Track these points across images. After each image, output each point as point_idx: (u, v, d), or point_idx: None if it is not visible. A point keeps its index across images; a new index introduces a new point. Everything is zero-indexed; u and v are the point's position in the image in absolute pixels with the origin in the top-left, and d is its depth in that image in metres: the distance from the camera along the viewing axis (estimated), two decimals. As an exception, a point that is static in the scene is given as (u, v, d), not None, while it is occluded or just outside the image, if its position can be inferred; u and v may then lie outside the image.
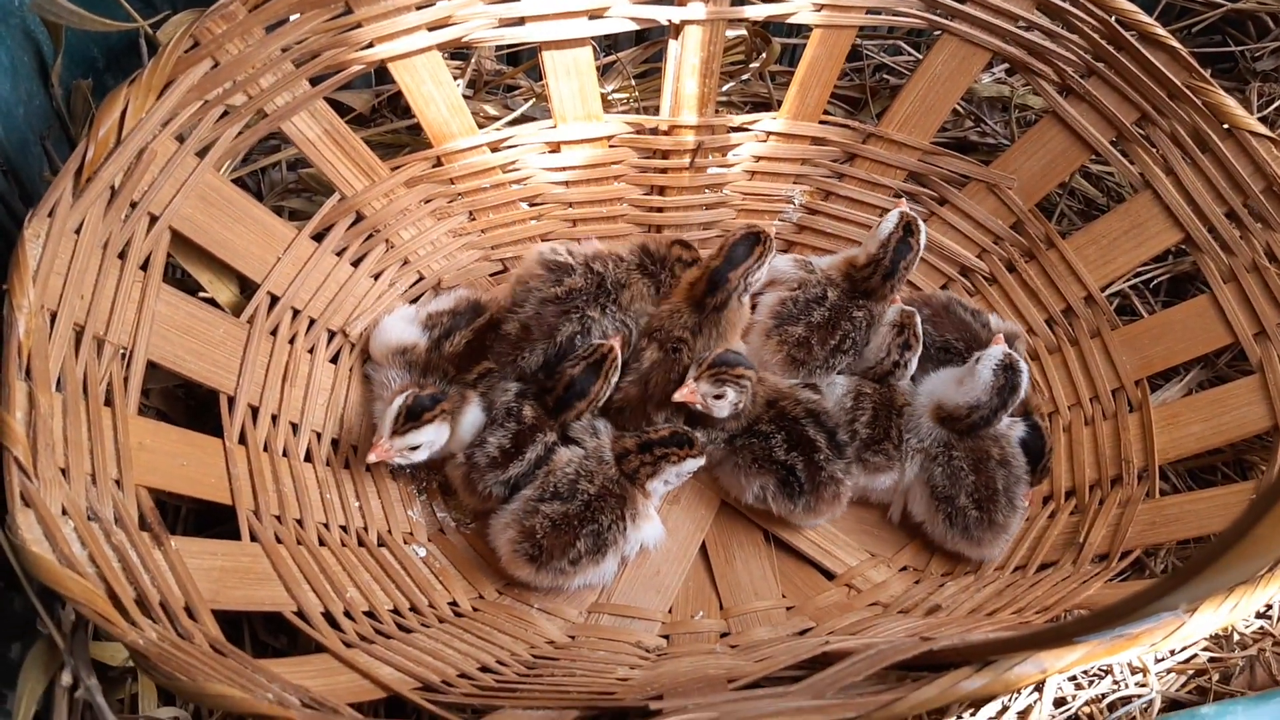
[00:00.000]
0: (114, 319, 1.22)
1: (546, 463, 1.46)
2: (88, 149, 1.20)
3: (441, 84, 1.51)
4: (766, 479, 1.50)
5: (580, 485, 1.42)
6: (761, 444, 1.50)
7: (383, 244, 1.55)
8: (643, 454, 1.44)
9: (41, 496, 1.00)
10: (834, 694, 1.00)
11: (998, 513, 1.48)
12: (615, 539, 1.42)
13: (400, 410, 1.35)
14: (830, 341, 1.59)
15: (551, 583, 1.42)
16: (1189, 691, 1.41)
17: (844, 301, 1.60)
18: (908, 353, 1.57)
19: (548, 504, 1.41)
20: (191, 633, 1.04)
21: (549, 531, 1.39)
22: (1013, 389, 1.47)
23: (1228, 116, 1.52)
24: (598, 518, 1.41)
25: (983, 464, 1.50)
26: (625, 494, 1.44)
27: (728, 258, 1.50)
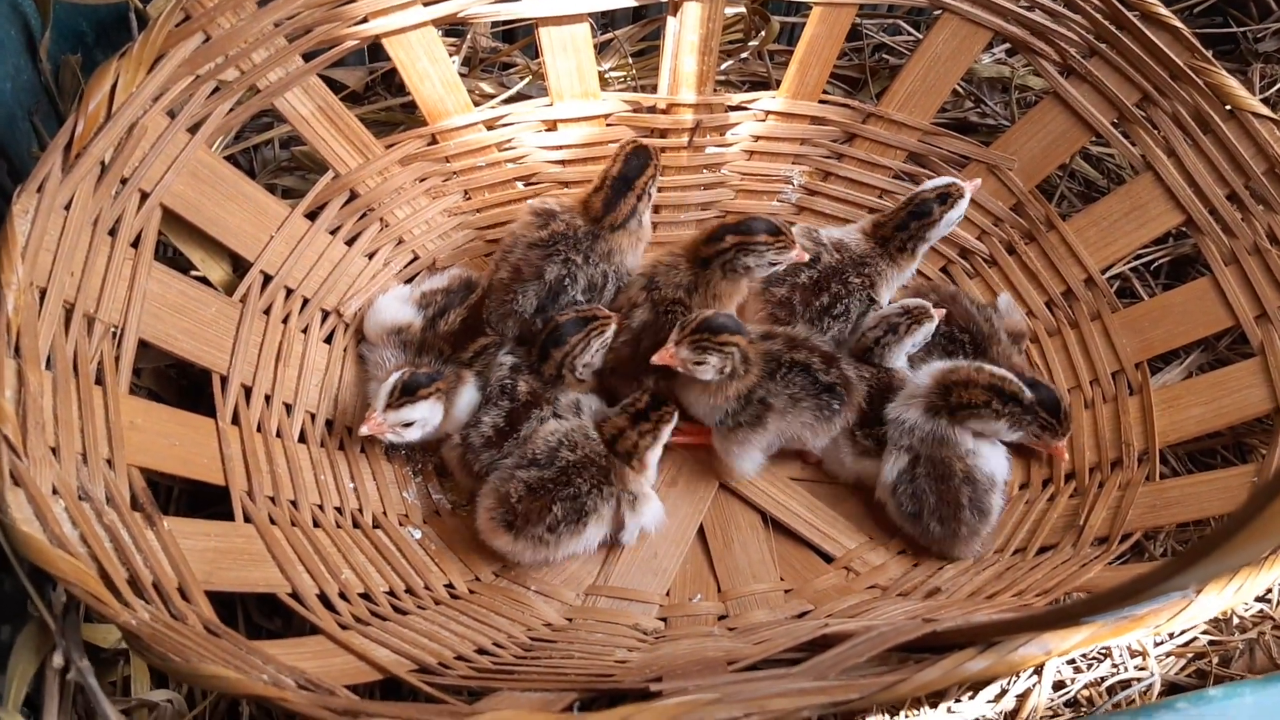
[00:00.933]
0: (104, 297, 1.20)
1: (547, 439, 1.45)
2: (77, 124, 1.18)
3: (437, 60, 1.50)
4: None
5: (561, 453, 1.41)
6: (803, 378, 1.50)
7: (377, 223, 1.54)
8: (639, 424, 1.43)
9: (32, 475, 0.99)
10: (836, 675, 0.99)
11: (962, 526, 1.47)
12: (596, 506, 1.40)
13: (395, 385, 1.34)
14: (815, 302, 1.58)
15: (532, 554, 1.40)
16: (1188, 675, 1.40)
17: (841, 266, 1.60)
18: (890, 336, 1.55)
19: (525, 470, 1.40)
20: (185, 614, 1.03)
21: (524, 496, 1.38)
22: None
23: (1230, 97, 1.51)
24: (574, 482, 1.39)
25: (946, 482, 1.48)
26: (612, 469, 1.42)
27: (744, 223, 1.50)
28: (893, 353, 1.57)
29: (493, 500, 1.40)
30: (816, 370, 1.48)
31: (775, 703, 0.88)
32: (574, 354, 1.47)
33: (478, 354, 1.46)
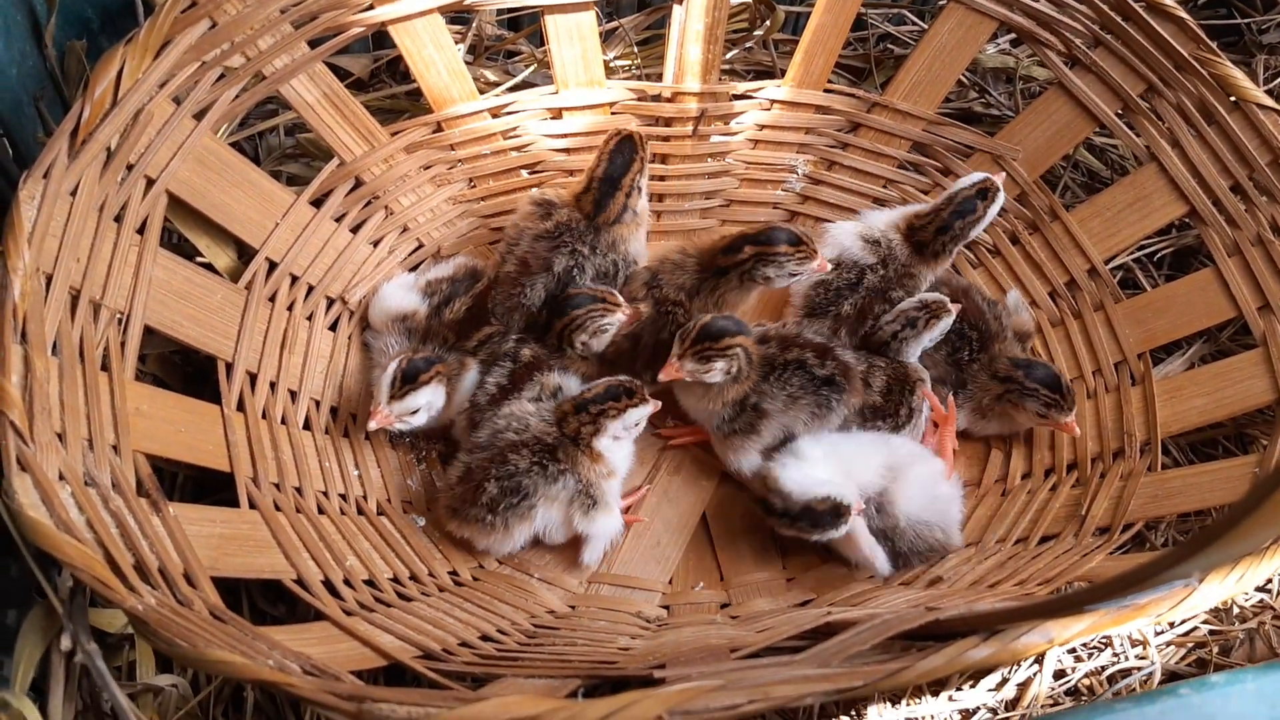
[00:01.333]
0: (110, 283, 1.21)
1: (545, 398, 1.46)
2: (83, 110, 1.19)
3: (442, 48, 1.50)
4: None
5: (504, 435, 1.40)
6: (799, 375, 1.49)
7: (382, 210, 1.54)
8: (579, 414, 1.40)
9: (38, 461, 0.99)
10: (839, 663, 0.99)
11: (931, 551, 1.47)
12: (538, 487, 1.38)
13: (395, 375, 1.34)
14: (860, 330, 1.60)
15: (486, 540, 1.40)
16: (1189, 664, 1.41)
17: (885, 284, 1.59)
18: (908, 330, 1.55)
19: (467, 455, 1.41)
20: (191, 599, 1.03)
21: (459, 479, 1.39)
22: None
23: (1235, 89, 1.51)
24: (510, 460, 1.37)
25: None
26: (560, 448, 1.40)
27: (764, 233, 1.49)
28: (909, 347, 1.57)
29: (442, 488, 1.42)
30: (811, 366, 1.48)
31: (779, 689, 0.88)
32: (573, 327, 1.47)
33: (482, 343, 1.47)
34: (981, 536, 1.52)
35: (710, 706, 0.85)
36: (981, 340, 1.59)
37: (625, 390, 1.40)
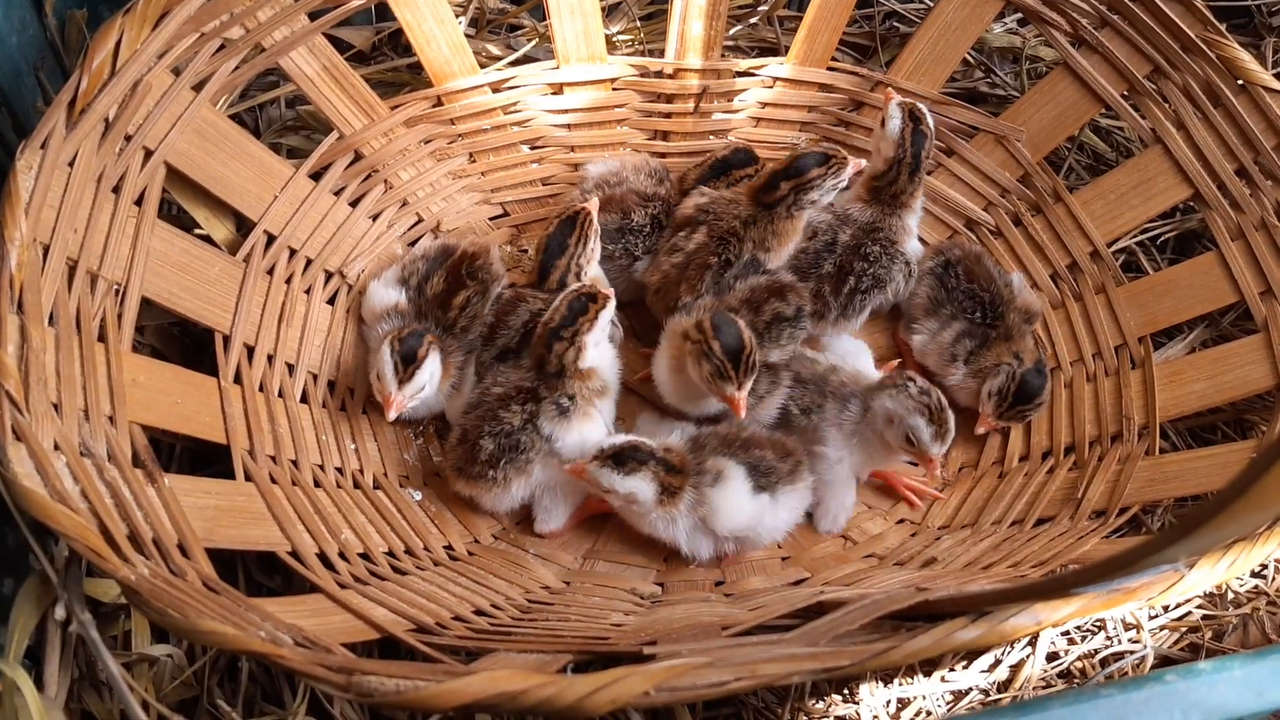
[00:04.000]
0: (108, 254, 1.21)
1: (534, 326, 1.45)
2: (81, 80, 1.18)
3: (443, 21, 1.49)
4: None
5: (491, 391, 1.41)
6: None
7: (381, 184, 1.54)
8: (554, 344, 1.38)
9: (33, 431, 0.99)
10: (828, 642, 0.99)
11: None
12: (533, 441, 1.38)
13: (394, 361, 1.34)
14: (843, 288, 1.59)
15: (492, 499, 1.41)
16: (1181, 649, 1.41)
17: (858, 239, 1.60)
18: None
19: (464, 417, 1.42)
20: (184, 570, 1.03)
21: (459, 439, 1.40)
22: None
23: (1242, 71, 1.50)
24: (500, 416, 1.38)
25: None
26: (541, 385, 1.40)
27: (793, 165, 1.52)
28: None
29: (449, 449, 1.43)
30: (784, 313, 1.48)
31: (766, 668, 0.88)
32: (579, 258, 1.48)
33: (462, 308, 1.47)
34: (977, 518, 1.52)
35: (697, 684, 0.85)
36: (993, 304, 1.58)
37: (587, 297, 1.39)
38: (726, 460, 1.37)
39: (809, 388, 1.51)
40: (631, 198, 1.58)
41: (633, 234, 1.58)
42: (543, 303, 1.48)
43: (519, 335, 1.47)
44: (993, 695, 1.34)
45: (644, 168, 1.62)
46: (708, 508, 1.36)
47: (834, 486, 1.51)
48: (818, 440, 1.50)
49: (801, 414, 1.50)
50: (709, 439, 1.40)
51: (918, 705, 1.31)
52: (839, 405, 1.49)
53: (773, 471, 1.39)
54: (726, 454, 1.38)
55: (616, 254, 1.58)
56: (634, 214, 1.58)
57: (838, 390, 1.50)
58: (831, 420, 1.49)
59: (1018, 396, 1.52)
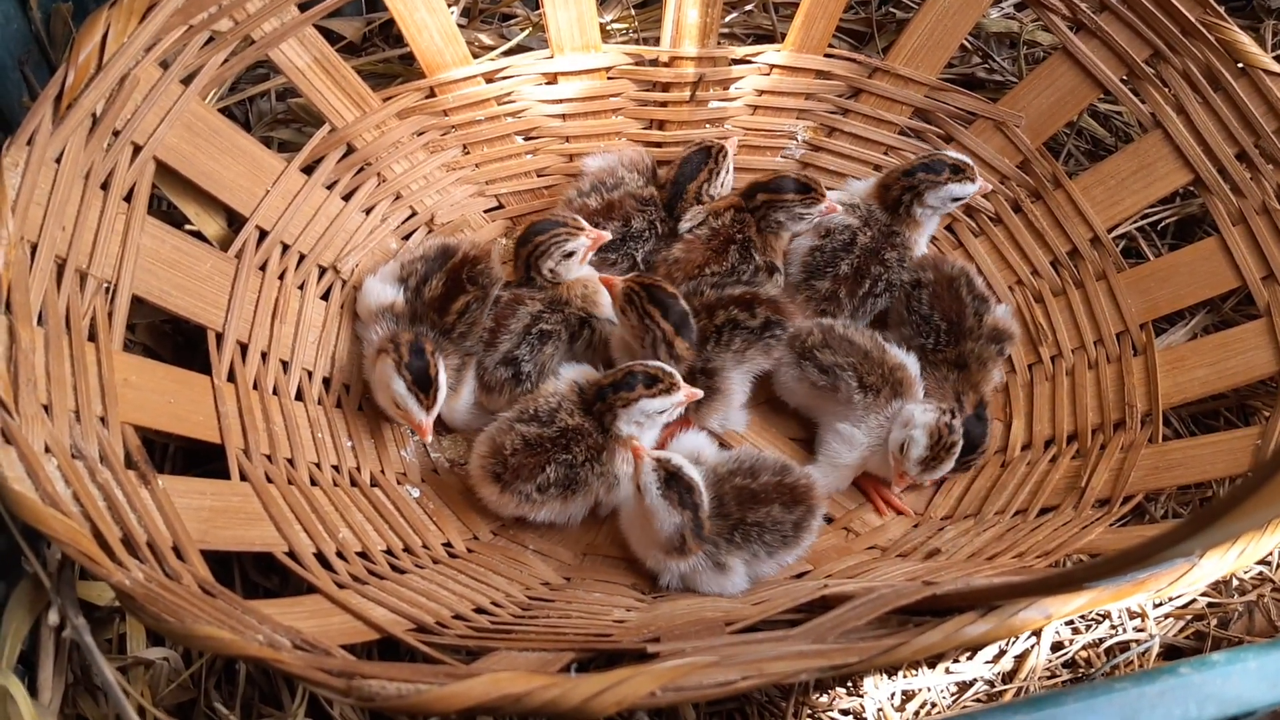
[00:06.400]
0: (97, 252, 1.19)
1: (535, 329, 1.48)
2: (67, 74, 1.16)
3: (435, 11, 1.47)
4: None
5: (559, 416, 1.40)
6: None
7: (374, 177, 1.52)
8: (600, 400, 1.40)
9: (23, 433, 0.98)
10: (835, 638, 0.98)
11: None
12: (588, 481, 1.39)
13: (412, 390, 1.34)
14: (859, 290, 1.60)
15: (515, 509, 1.40)
16: (1187, 637, 1.40)
17: (876, 244, 1.60)
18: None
19: (524, 425, 1.39)
20: (179, 573, 1.02)
21: (519, 449, 1.38)
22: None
23: (1242, 54, 1.49)
24: (572, 449, 1.38)
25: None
26: (605, 447, 1.41)
27: (773, 180, 1.57)
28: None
29: (487, 449, 1.40)
30: (744, 321, 1.49)
31: (773, 666, 0.87)
32: (538, 254, 1.48)
33: (460, 314, 1.45)
34: (980, 508, 1.52)
35: (703, 683, 0.84)
36: (952, 332, 1.57)
37: (649, 377, 1.38)
38: (731, 553, 1.36)
39: (876, 368, 1.50)
40: (630, 203, 1.58)
41: (634, 240, 1.59)
42: (541, 304, 1.47)
43: (519, 339, 1.47)
44: (998, 686, 1.33)
45: (638, 164, 1.62)
46: (701, 580, 1.37)
47: (835, 467, 1.53)
48: (851, 420, 1.51)
49: (860, 389, 1.49)
50: (727, 493, 1.38)
51: (923, 698, 1.31)
52: (890, 399, 1.50)
53: (777, 530, 1.37)
54: (732, 538, 1.36)
55: (619, 260, 1.59)
56: (634, 220, 1.59)
57: (897, 385, 1.50)
58: (878, 410, 1.50)
59: (962, 448, 1.48)
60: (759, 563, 1.38)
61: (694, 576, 1.36)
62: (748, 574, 1.38)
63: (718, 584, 1.36)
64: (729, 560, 1.36)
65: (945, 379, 1.55)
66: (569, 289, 1.52)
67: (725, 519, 1.36)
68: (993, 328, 1.56)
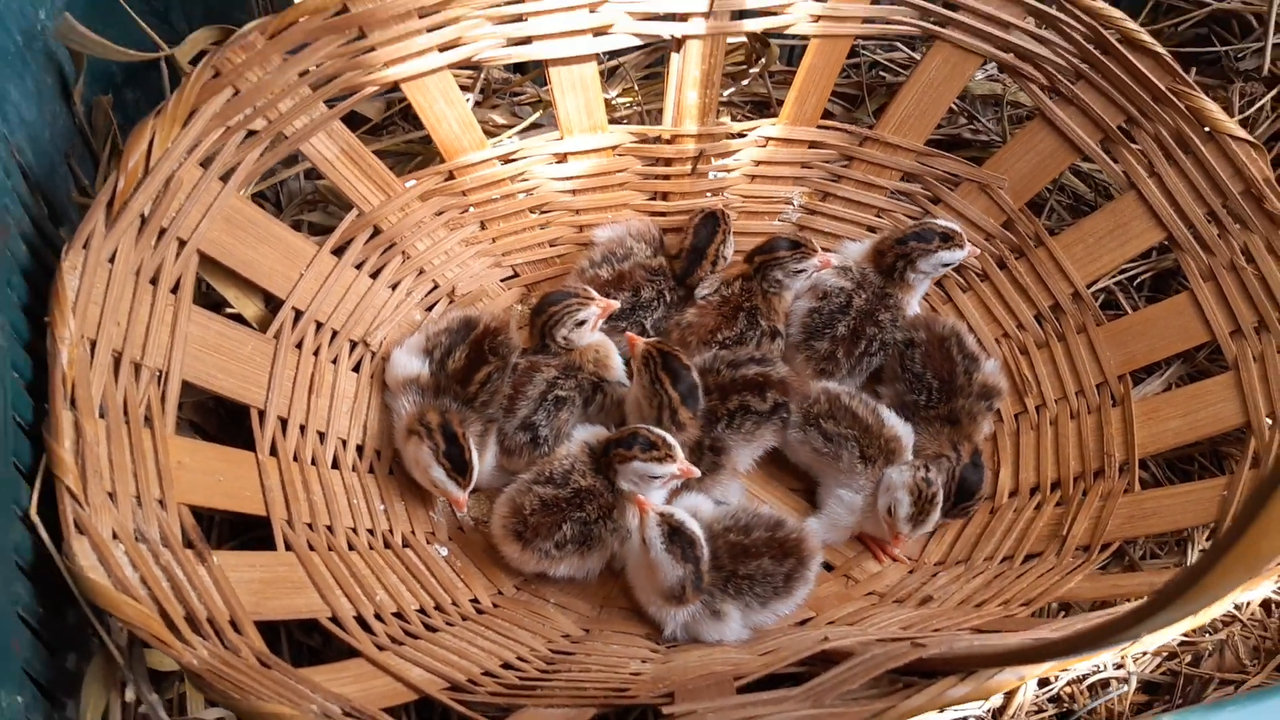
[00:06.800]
0: (149, 343, 1.28)
1: (551, 395, 1.58)
2: (118, 180, 1.26)
3: (453, 103, 1.57)
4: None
5: (573, 477, 1.51)
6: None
7: (399, 255, 1.62)
8: (605, 454, 1.51)
9: (93, 522, 1.08)
10: (833, 700, 1.08)
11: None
12: (602, 537, 1.50)
13: (450, 474, 1.45)
14: (855, 350, 1.70)
15: (536, 565, 1.51)
16: (1162, 674, 1.50)
17: (871, 307, 1.71)
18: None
19: (541, 486, 1.50)
20: (238, 646, 1.12)
21: (537, 509, 1.48)
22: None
23: (1210, 120, 1.58)
24: (585, 508, 1.49)
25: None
26: (616, 504, 1.51)
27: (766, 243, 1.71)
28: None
29: (508, 510, 1.51)
30: (755, 406, 1.59)
31: (777, 732, 0.97)
32: (551, 323, 1.59)
33: (483, 384, 1.54)
34: (970, 554, 1.61)
35: (715, 751, 0.95)
36: (944, 391, 1.66)
37: (645, 442, 1.47)
38: (726, 602, 1.46)
39: (875, 440, 1.61)
40: (639, 273, 1.68)
41: (642, 309, 1.69)
42: (556, 370, 1.57)
43: (536, 405, 1.57)
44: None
45: (645, 235, 1.72)
46: (702, 628, 1.47)
47: (836, 527, 1.63)
48: (850, 487, 1.62)
49: (861, 460, 1.60)
50: (721, 547, 1.48)
51: (917, 738, 1.40)
52: (883, 467, 1.60)
53: (768, 582, 1.47)
54: (725, 589, 1.46)
55: (629, 328, 1.69)
56: (643, 290, 1.69)
57: (890, 455, 1.60)
58: (871, 475, 1.60)
59: (960, 493, 1.60)
60: (754, 612, 1.48)
61: (695, 625, 1.47)
62: (744, 622, 1.48)
63: (717, 631, 1.47)
64: (725, 608, 1.46)
65: (939, 433, 1.66)
66: (581, 354, 1.62)
67: (719, 571, 1.46)
68: (982, 384, 1.66)
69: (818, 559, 1.53)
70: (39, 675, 1.12)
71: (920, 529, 1.55)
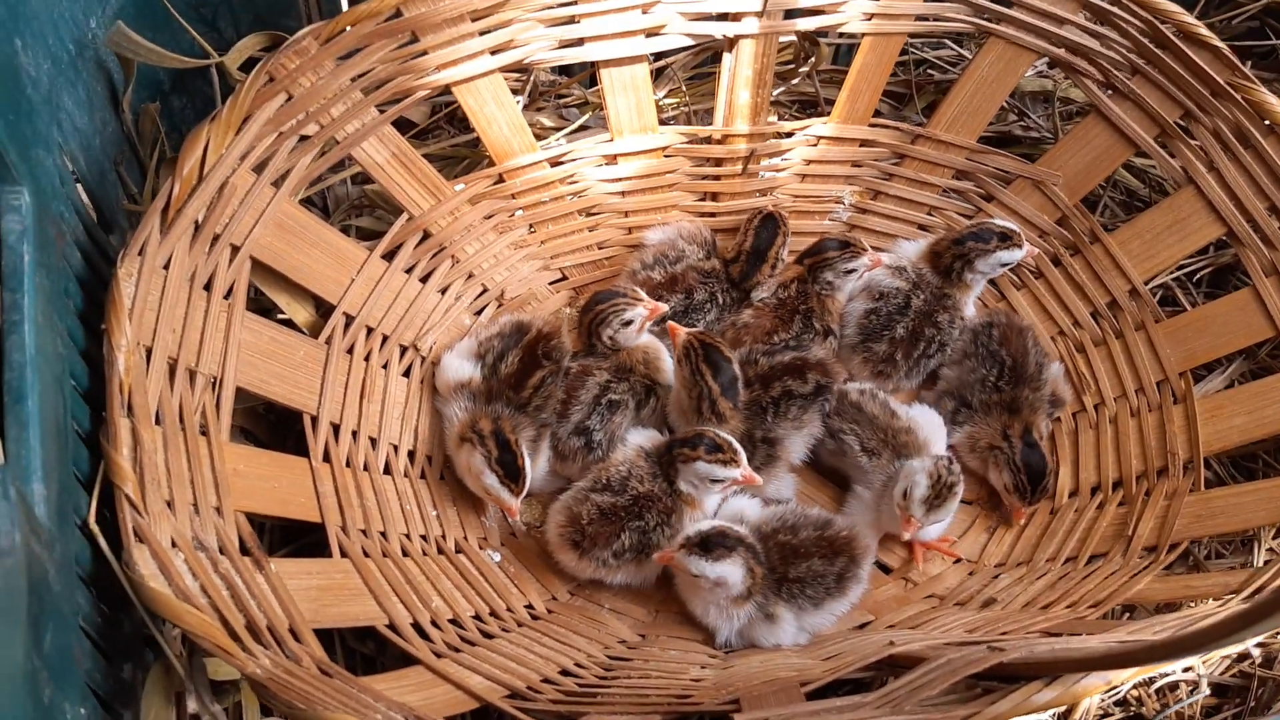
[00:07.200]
0: (204, 349, 1.28)
1: (604, 399, 1.57)
2: (173, 187, 1.26)
3: (503, 105, 1.56)
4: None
5: (630, 483, 1.48)
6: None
7: (449, 260, 1.61)
8: (668, 452, 1.49)
9: (153, 531, 1.07)
10: (912, 707, 1.06)
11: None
12: (660, 544, 1.46)
13: (503, 483, 1.42)
14: (914, 352, 1.69)
15: (592, 573, 1.49)
16: (1233, 675, 1.47)
17: (928, 307, 1.69)
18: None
19: (598, 494, 1.48)
20: (299, 655, 1.11)
21: (595, 519, 1.46)
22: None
23: (1270, 113, 1.55)
24: (644, 515, 1.47)
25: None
26: (674, 508, 1.48)
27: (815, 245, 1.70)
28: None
29: (565, 518, 1.48)
30: (797, 390, 1.56)
31: (858, 739, 0.95)
32: (598, 321, 1.57)
33: (536, 388, 1.52)
34: (1032, 555, 1.58)
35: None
36: (1015, 373, 1.64)
37: (708, 443, 1.44)
38: (778, 604, 1.43)
39: (878, 433, 1.58)
40: (692, 275, 1.66)
41: (696, 311, 1.67)
42: (608, 374, 1.55)
43: (590, 409, 1.55)
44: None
45: (696, 237, 1.70)
46: (757, 633, 1.45)
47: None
48: (863, 483, 1.60)
49: (863, 453, 1.58)
50: (771, 549, 1.46)
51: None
52: (892, 460, 1.56)
53: (819, 582, 1.44)
54: (779, 591, 1.44)
55: None
56: (696, 293, 1.67)
57: (901, 448, 1.57)
58: (881, 471, 1.57)
59: (1031, 479, 1.57)
60: (808, 614, 1.45)
61: (749, 630, 1.45)
62: (798, 624, 1.45)
63: (773, 635, 1.44)
64: (778, 611, 1.43)
65: (994, 422, 1.63)
66: (630, 355, 1.60)
67: (771, 573, 1.44)
68: (1052, 390, 1.65)
69: (870, 557, 1.51)
70: (98, 686, 1.10)
71: (934, 517, 1.49)
